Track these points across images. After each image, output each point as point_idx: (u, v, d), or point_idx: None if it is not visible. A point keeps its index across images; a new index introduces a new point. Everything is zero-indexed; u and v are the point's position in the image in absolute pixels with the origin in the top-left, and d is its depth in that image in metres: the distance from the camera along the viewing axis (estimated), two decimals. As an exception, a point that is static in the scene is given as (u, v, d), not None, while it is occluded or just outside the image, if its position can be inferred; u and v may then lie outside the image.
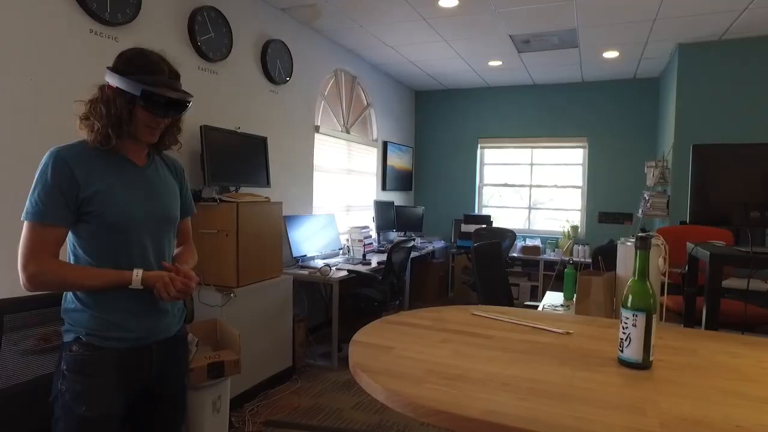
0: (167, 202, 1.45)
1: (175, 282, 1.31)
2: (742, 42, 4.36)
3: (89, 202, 1.27)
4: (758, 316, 2.56)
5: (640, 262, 1.15)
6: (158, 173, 1.46)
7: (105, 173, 1.31)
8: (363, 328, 1.33)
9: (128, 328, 1.32)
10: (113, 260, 1.31)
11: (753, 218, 1.98)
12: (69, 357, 1.28)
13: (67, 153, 1.29)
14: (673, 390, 0.98)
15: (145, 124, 1.33)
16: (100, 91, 1.34)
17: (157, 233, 1.40)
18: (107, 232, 1.31)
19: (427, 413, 0.87)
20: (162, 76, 1.33)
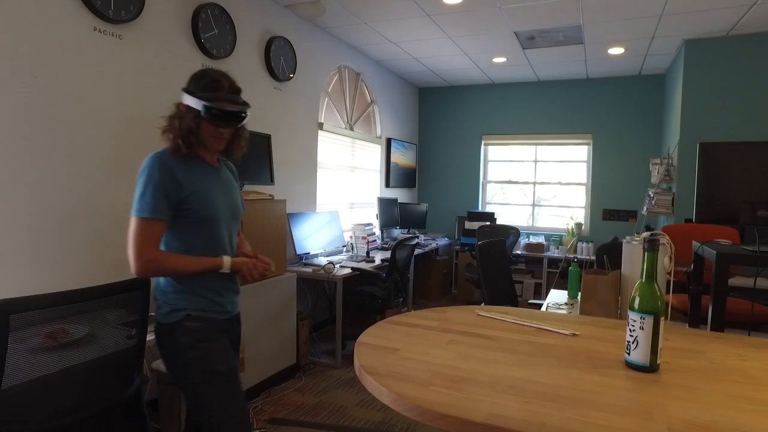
0: (237, 199, 1.73)
1: (257, 266, 1.59)
2: (749, 38, 4.32)
3: (187, 201, 1.52)
4: (765, 315, 2.54)
5: (648, 264, 1.14)
6: (226, 176, 1.73)
7: (197, 176, 1.56)
8: (368, 329, 1.33)
9: (221, 304, 1.62)
10: (201, 249, 1.56)
11: (760, 216, 1.97)
12: (187, 331, 1.54)
13: (166, 158, 1.52)
14: (681, 394, 0.98)
15: (210, 134, 1.56)
16: (176, 108, 1.57)
17: (231, 226, 1.67)
18: (198, 225, 1.56)
19: (433, 417, 0.86)
20: (222, 92, 1.53)
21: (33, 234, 2.31)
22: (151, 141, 2.88)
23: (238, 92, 1.60)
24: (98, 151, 2.59)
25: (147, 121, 2.86)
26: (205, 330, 1.56)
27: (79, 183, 2.50)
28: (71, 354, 1.58)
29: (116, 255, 2.71)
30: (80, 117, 2.49)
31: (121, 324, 1.76)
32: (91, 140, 2.55)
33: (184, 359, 1.53)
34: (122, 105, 2.70)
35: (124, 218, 2.75)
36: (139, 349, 1.82)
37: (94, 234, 2.59)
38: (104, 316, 1.70)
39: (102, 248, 2.63)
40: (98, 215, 2.61)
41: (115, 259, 2.70)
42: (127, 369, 1.77)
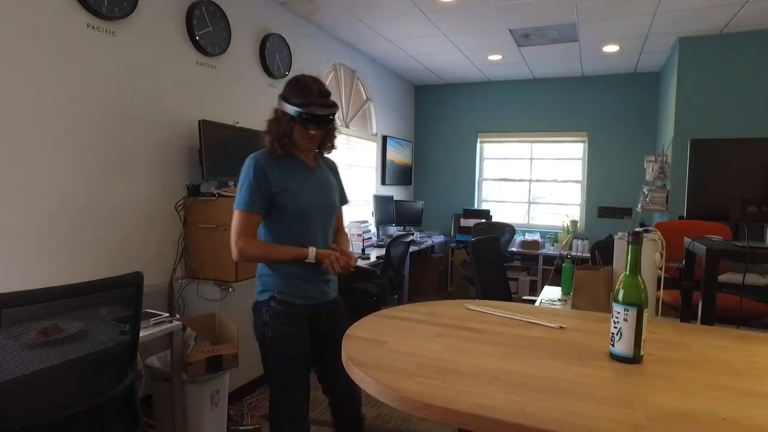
0: (331, 195, 1.87)
1: (339, 260, 1.70)
2: (742, 36, 4.34)
3: (278, 196, 1.71)
4: (754, 311, 2.56)
5: (632, 257, 1.15)
6: (323, 172, 1.88)
7: (289, 174, 1.74)
8: (357, 322, 1.34)
9: (305, 290, 1.77)
10: (291, 240, 1.74)
11: (750, 213, 1.98)
12: (270, 310, 1.76)
13: (262, 159, 1.73)
14: (663, 384, 0.99)
15: (303, 136, 1.71)
16: (274, 114, 1.75)
17: (323, 220, 1.82)
18: (289, 218, 1.74)
19: (417, 407, 0.88)
20: (312, 97, 1.66)
21: (27, 232, 2.31)
22: (146, 138, 2.89)
23: (327, 95, 1.73)
24: (92, 148, 2.59)
25: (141, 118, 2.86)
26: (285, 313, 1.75)
27: (73, 180, 2.50)
28: (64, 350, 1.59)
29: (113, 252, 2.72)
30: (74, 114, 2.49)
31: (115, 320, 1.77)
32: (86, 137, 2.56)
33: (264, 335, 1.78)
34: (117, 102, 2.71)
35: (120, 215, 2.76)
36: (133, 344, 1.83)
37: (90, 231, 2.59)
38: (98, 312, 1.71)
39: (98, 245, 2.64)
40: (93, 212, 2.61)
41: (112, 256, 2.71)
42: (120, 364, 1.78)
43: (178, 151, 3.13)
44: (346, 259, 1.72)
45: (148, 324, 2.23)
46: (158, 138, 2.98)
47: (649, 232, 2.20)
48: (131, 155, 2.82)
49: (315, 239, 1.77)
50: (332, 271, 1.71)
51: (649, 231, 2.22)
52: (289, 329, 1.75)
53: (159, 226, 3.00)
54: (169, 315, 2.39)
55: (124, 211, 2.79)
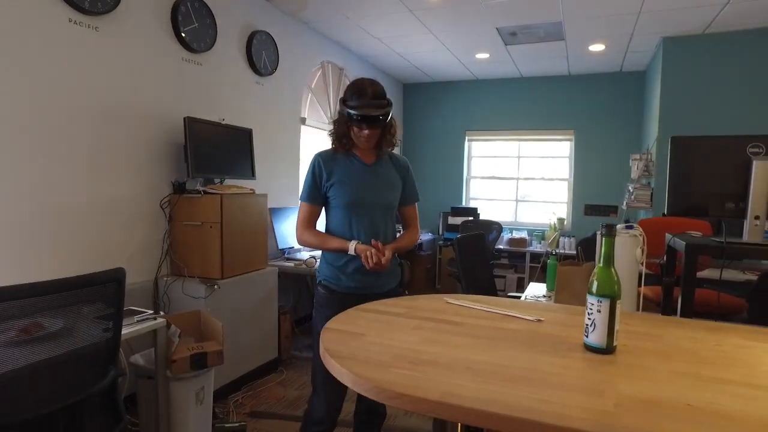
0: (384, 192, 1.95)
1: (373, 256, 1.77)
2: (724, 36, 4.40)
3: (330, 189, 1.90)
4: (732, 306, 2.61)
5: (606, 249, 1.17)
6: (385, 170, 1.98)
7: (341, 169, 1.90)
8: (336, 315, 1.35)
9: (341, 279, 1.90)
10: (341, 231, 1.90)
11: (728, 209, 2.01)
12: (317, 294, 1.96)
13: (321, 155, 1.94)
14: (633, 373, 1.01)
15: (358, 135, 1.85)
16: (338, 115, 1.90)
17: (372, 214, 1.91)
18: (339, 210, 1.90)
19: (390, 396, 0.89)
20: (365, 99, 1.79)
21: (9, 229, 2.29)
22: (130, 135, 2.87)
23: (382, 97, 1.83)
24: (75, 145, 2.58)
25: (125, 115, 2.84)
26: (327, 297, 1.92)
27: (55, 177, 2.48)
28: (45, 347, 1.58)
29: (97, 250, 2.71)
30: (56, 110, 2.47)
31: (97, 317, 1.76)
32: (68, 134, 2.54)
33: (313, 314, 1.96)
34: (100, 99, 2.69)
35: (104, 212, 2.74)
36: (115, 342, 1.82)
37: (73, 228, 2.57)
38: (80, 309, 1.70)
39: (82, 243, 2.62)
40: (77, 209, 2.59)
41: (96, 253, 2.70)
42: (102, 362, 1.77)
43: (164, 148, 3.12)
44: (378, 254, 1.79)
45: (131, 321, 2.22)
46: (143, 135, 2.97)
47: (632, 228, 2.23)
48: (115, 152, 2.80)
49: (360, 232, 1.88)
50: (367, 266, 1.79)
51: (632, 227, 2.25)
52: (327, 311, 1.82)
53: (144, 223, 2.99)
54: (154, 312, 2.38)
55: (108, 208, 2.77)
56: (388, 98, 1.86)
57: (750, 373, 1.03)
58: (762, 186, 1.81)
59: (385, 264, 1.81)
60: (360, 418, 2.08)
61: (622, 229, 2.16)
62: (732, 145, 1.97)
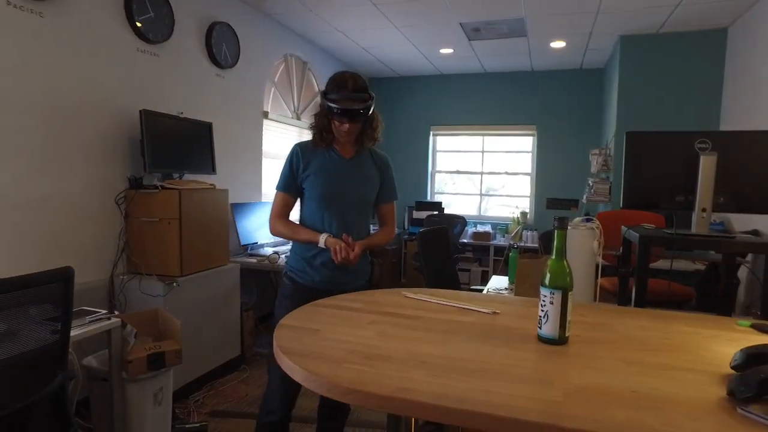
0: (360, 187, 1.92)
1: (342, 250, 1.76)
2: (676, 36, 4.56)
3: (304, 181, 1.89)
4: (682, 294, 2.71)
5: (558, 242, 1.19)
6: (360, 165, 1.94)
7: (318, 161, 1.88)
8: (292, 311, 1.33)
9: (308, 272, 1.89)
10: (313, 223, 1.89)
11: (678, 202, 2.08)
12: (282, 284, 1.96)
13: (301, 145, 1.92)
14: (583, 363, 1.03)
15: (338, 129, 1.83)
16: (319, 108, 1.87)
17: (347, 209, 1.89)
18: (312, 203, 1.89)
19: (342, 392, 0.88)
20: (345, 92, 1.78)
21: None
22: (82, 128, 2.75)
23: (362, 90, 1.82)
24: (20, 137, 2.45)
25: (76, 107, 2.72)
26: (291, 289, 1.91)
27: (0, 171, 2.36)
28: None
29: (46, 249, 2.59)
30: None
31: (44, 319, 1.68)
32: (12, 126, 2.41)
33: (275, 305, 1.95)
34: (47, 89, 2.57)
35: (54, 209, 2.63)
36: (63, 344, 1.75)
37: (20, 226, 2.45)
38: (26, 311, 1.62)
39: (29, 241, 2.50)
40: (23, 205, 2.47)
41: (45, 252, 2.58)
42: (49, 366, 1.69)
43: (119, 142, 3.00)
44: (348, 250, 1.78)
45: (83, 322, 2.14)
46: (96, 128, 2.85)
47: (590, 221, 2.28)
48: (65, 145, 2.68)
49: (332, 225, 1.87)
50: (336, 260, 1.78)
51: (590, 220, 2.30)
52: (289, 303, 1.82)
53: (97, 219, 2.88)
54: (108, 312, 2.30)
55: (59, 204, 2.65)
56: (370, 92, 1.85)
57: (691, 359, 1.07)
58: (708, 180, 1.88)
59: (354, 259, 1.79)
60: (324, 412, 2.06)
61: (580, 222, 2.21)
62: (681, 140, 2.03)
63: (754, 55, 3.84)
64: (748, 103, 3.90)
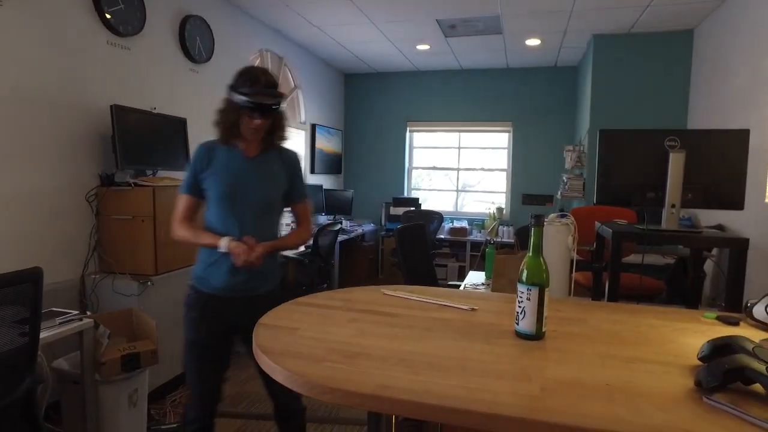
0: (264, 187, 1.81)
1: (244, 253, 1.67)
2: (646, 36, 4.67)
3: (203, 181, 1.77)
4: (653, 288, 2.79)
5: (535, 239, 1.21)
6: (265, 163, 1.83)
7: (220, 160, 1.78)
8: (271, 310, 1.32)
9: (211, 280, 1.77)
10: (216, 227, 1.77)
11: (649, 198, 2.13)
12: (187, 294, 1.82)
13: (205, 144, 1.81)
14: (559, 357, 1.05)
15: (249, 126, 1.73)
16: (224, 103, 1.77)
17: (250, 210, 1.78)
18: (214, 204, 1.77)
19: (322, 391, 0.88)
20: (258, 86, 1.69)
21: None
22: (49, 123, 2.67)
23: (274, 86, 1.75)
24: (-16, 134, 2.36)
25: (43, 102, 2.64)
26: (193, 298, 1.80)
27: (-39, 168, 2.27)
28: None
29: (12, 248, 2.51)
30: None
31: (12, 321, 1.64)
32: (-25, 121, 2.32)
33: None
34: (10, 83, 2.47)
35: (20, 207, 2.54)
36: (32, 347, 1.70)
37: (-18, 224, 2.37)
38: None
39: (-8, 239, 2.42)
40: (-14, 203, 2.39)
41: (12, 252, 2.50)
42: (17, 370, 1.64)
43: (89, 137, 2.92)
44: (249, 252, 1.69)
45: (53, 324, 2.08)
46: (64, 123, 2.77)
47: (565, 217, 2.32)
48: (32, 141, 2.60)
49: (234, 228, 1.75)
50: (237, 263, 1.69)
51: (565, 216, 2.34)
52: (192, 313, 1.79)
53: (67, 217, 2.80)
54: (79, 313, 2.24)
55: (25, 202, 2.57)
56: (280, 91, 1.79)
57: (661, 351, 1.10)
58: (677, 177, 1.93)
59: (256, 261, 1.70)
60: (280, 415, 1.97)
61: (555, 218, 2.24)
62: (651, 138, 2.08)
63: (717, 56, 3.96)
64: (713, 102, 4.03)
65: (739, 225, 3.36)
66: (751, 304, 1.33)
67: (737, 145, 1.96)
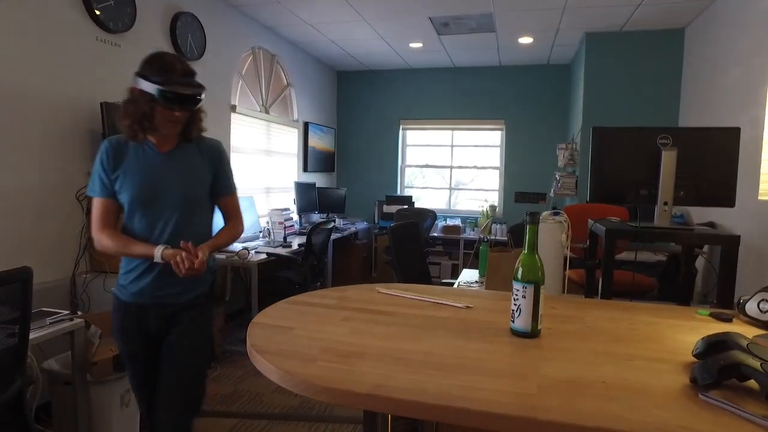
0: (184, 184, 1.63)
1: (184, 260, 1.50)
2: (638, 34, 4.69)
3: (115, 182, 1.58)
4: (645, 285, 2.80)
5: (530, 237, 1.20)
6: (182, 158, 1.66)
7: (130, 159, 1.59)
8: (265, 309, 1.31)
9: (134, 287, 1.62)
10: (139, 234, 1.59)
11: (642, 195, 2.13)
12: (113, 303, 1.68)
13: (111, 141, 1.60)
14: (555, 355, 1.05)
15: (165, 118, 1.54)
16: (130, 93, 1.55)
17: (174, 211, 1.61)
18: (132, 209, 1.59)
19: (318, 391, 0.87)
20: (174, 75, 1.51)
21: None
22: (38, 121, 2.63)
23: (192, 74, 1.60)
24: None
25: (30, 99, 2.60)
26: (115, 307, 1.67)
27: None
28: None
29: (1, 245, 2.47)
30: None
31: (2, 322, 1.61)
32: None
33: None
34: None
35: (9, 205, 2.51)
36: (21, 348, 1.68)
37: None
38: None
39: (-20, 239, 2.38)
40: (-26, 202, 2.35)
41: (1, 249, 2.47)
42: (6, 371, 1.62)
43: (79, 135, 2.89)
44: (191, 258, 1.52)
45: (43, 324, 2.06)
46: (54, 121, 2.74)
47: (558, 215, 2.32)
48: (20, 139, 2.56)
49: (162, 233, 1.60)
50: (179, 273, 1.52)
51: (558, 214, 2.34)
52: (115, 323, 1.68)
53: (57, 216, 2.77)
54: (70, 312, 2.22)
55: (15, 201, 2.54)
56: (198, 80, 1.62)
57: (656, 348, 1.10)
58: (669, 174, 1.94)
59: (200, 267, 1.53)
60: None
61: (548, 215, 2.25)
62: (644, 136, 2.09)
63: (708, 54, 3.99)
64: (703, 99, 4.05)
65: (730, 222, 3.39)
66: (743, 301, 1.34)
67: (728, 142, 1.97)
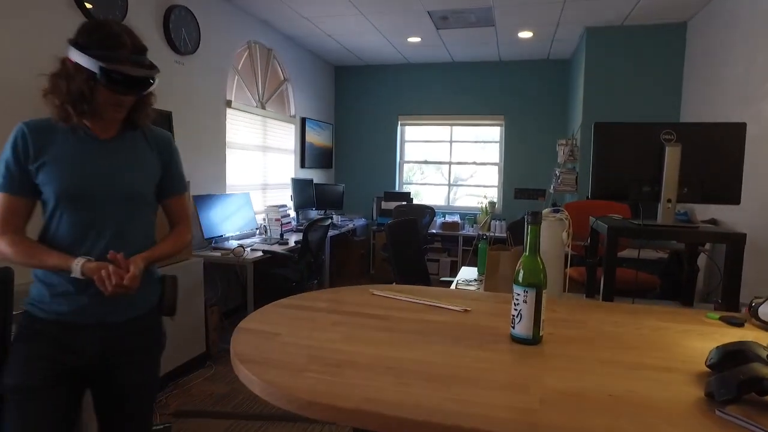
0: (132, 178, 1.35)
1: (111, 276, 1.21)
2: (639, 29, 4.61)
3: (37, 174, 1.26)
4: (648, 283, 2.75)
5: (532, 237, 1.14)
6: (126, 147, 1.37)
7: (59, 146, 1.28)
8: (252, 313, 1.25)
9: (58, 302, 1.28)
10: (63, 238, 1.28)
11: (645, 192, 2.07)
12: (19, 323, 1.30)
13: (31, 126, 1.29)
14: (558, 364, 0.99)
15: (108, 102, 1.26)
16: (62, 65, 1.27)
17: (111, 211, 1.32)
18: (55, 207, 1.27)
19: (302, 405, 0.80)
20: (123, 51, 1.24)
21: None
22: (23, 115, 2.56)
23: (144, 51, 1.30)
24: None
25: (16, 94, 2.53)
26: (25, 327, 1.30)
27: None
28: None
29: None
30: None
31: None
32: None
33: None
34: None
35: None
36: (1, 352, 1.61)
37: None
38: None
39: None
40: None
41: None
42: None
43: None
44: (120, 274, 1.22)
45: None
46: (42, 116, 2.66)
47: (559, 212, 2.26)
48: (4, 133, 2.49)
49: (92, 240, 1.29)
50: (104, 291, 1.21)
51: (559, 211, 2.28)
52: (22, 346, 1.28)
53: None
54: (57, 313, 2.15)
55: None
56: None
57: (666, 356, 1.04)
58: (673, 170, 1.87)
59: (132, 284, 1.23)
60: None
61: (549, 212, 2.18)
62: (647, 131, 2.03)
63: (710, 48, 3.91)
64: (705, 94, 3.98)
65: (734, 219, 3.33)
66: (756, 304, 1.28)
67: (734, 139, 1.91)
